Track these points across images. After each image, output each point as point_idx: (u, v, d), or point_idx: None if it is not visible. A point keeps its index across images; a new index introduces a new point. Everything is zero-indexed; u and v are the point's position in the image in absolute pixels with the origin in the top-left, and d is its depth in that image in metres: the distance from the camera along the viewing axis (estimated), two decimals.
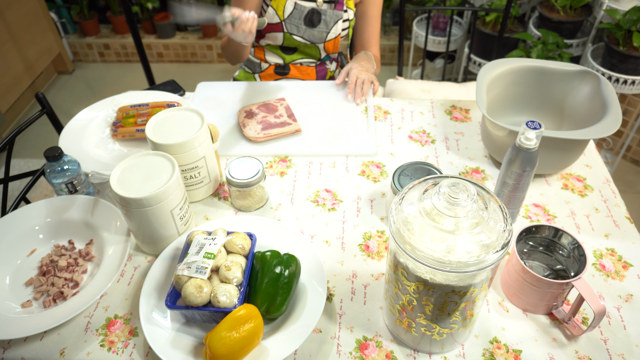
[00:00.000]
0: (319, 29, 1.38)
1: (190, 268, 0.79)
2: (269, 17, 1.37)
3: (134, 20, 1.93)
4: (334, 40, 1.42)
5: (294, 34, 1.39)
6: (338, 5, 1.37)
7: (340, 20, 1.39)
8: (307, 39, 1.40)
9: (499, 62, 1.16)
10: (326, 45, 1.43)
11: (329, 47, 1.44)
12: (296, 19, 1.37)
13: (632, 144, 2.33)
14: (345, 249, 0.95)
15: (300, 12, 1.36)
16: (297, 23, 1.37)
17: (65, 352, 0.81)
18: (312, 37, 1.40)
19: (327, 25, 1.38)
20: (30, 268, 0.94)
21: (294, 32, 1.39)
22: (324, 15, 1.37)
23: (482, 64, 2.44)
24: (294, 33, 1.39)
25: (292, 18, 1.36)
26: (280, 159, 1.16)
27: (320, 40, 1.41)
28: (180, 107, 1.02)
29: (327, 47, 1.44)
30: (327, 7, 1.37)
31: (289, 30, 1.39)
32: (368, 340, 0.81)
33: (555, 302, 0.81)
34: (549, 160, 1.03)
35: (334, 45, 1.44)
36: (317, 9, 1.36)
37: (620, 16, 1.95)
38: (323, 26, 1.38)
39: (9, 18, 2.59)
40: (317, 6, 1.36)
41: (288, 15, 1.36)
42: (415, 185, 0.68)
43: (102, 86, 3.05)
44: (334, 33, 1.40)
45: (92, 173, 1.05)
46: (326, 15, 1.37)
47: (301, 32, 1.39)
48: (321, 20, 1.37)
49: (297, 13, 1.36)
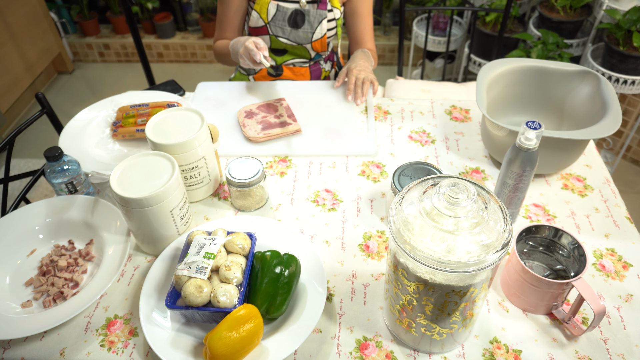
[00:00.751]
0: (303, 30, 1.38)
1: (190, 268, 0.79)
2: (254, 20, 1.37)
3: (134, 20, 1.93)
4: (320, 40, 1.41)
5: (279, 36, 1.39)
6: (321, 4, 1.36)
7: (324, 20, 1.38)
8: (293, 40, 1.40)
9: (499, 62, 1.16)
10: (313, 45, 1.43)
11: (317, 46, 1.43)
12: (280, 21, 1.36)
13: (632, 144, 2.33)
14: (345, 249, 0.95)
15: (284, 13, 1.35)
16: (281, 25, 1.37)
17: (65, 352, 0.81)
18: (298, 38, 1.40)
19: (312, 26, 1.37)
20: (30, 268, 0.94)
21: (280, 34, 1.38)
22: (307, 16, 1.36)
23: (482, 64, 2.44)
24: (279, 35, 1.39)
25: (276, 20, 1.36)
26: (280, 159, 1.16)
27: (306, 40, 1.40)
28: (180, 107, 1.02)
29: (315, 47, 1.43)
30: (311, 7, 1.36)
31: (274, 33, 1.38)
32: (368, 340, 0.81)
33: (555, 302, 0.81)
34: (549, 160, 1.03)
35: (322, 45, 1.44)
36: (301, 9, 1.35)
37: (620, 16, 1.95)
38: (307, 26, 1.37)
39: (9, 18, 2.59)
40: (300, 7, 1.35)
41: (272, 18, 1.36)
42: (415, 185, 0.68)
43: (102, 86, 3.05)
44: (320, 33, 1.39)
45: (92, 173, 1.05)
46: (309, 15, 1.36)
47: (286, 33, 1.38)
48: (305, 20, 1.37)
49: (280, 15, 1.36)
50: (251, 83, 1.42)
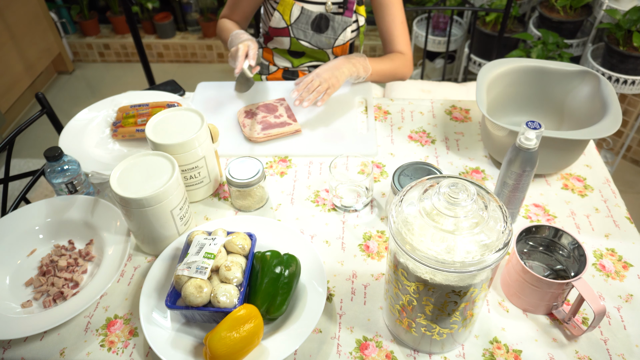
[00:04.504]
0: (326, 35, 1.35)
1: (190, 268, 0.79)
2: (275, 21, 1.35)
3: (134, 20, 1.93)
4: (342, 46, 1.39)
5: (300, 39, 1.37)
6: (347, 11, 1.33)
7: (349, 28, 1.35)
8: (314, 45, 1.38)
9: (499, 62, 1.16)
10: (334, 51, 1.41)
11: (338, 52, 1.41)
12: (303, 24, 1.34)
13: (632, 144, 2.33)
14: (345, 249, 0.95)
15: (308, 17, 1.33)
16: (304, 28, 1.34)
17: (65, 352, 0.81)
18: (320, 42, 1.37)
19: (335, 32, 1.35)
20: (30, 268, 0.94)
21: (301, 37, 1.36)
22: (332, 22, 1.34)
23: (482, 64, 2.44)
24: (300, 38, 1.37)
25: (298, 23, 1.34)
26: (280, 159, 1.16)
27: (328, 46, 1.38)
28: (180, 107, 1.02)
29: (336, 52, 1.42)
30: (336, 12, 1.33)
31: (295, 35, 1.36)
32: (368, 341, 0.81)
33: (555, 302, 0.81)
34: (549, 160, 1.03)
35: (343, 51, 1.41)
36: (326, 14, 1.33)
37: (620, 16, 1.95)
38: (331, 32, 1.35)
39: (9, 18, 2.59)
40: (325, 11, 1.33)
41: (295, 20, 1.34)
42: (415, 185, 0.68)
43: (102, 86, 3.05)
44: (342, 40, 1.37)
45: (92, 173, 1.05)
46: (334, 21, 1.34)
47: (308, 37, 1.36)
48: (329, 26, 1.34)
49: (304, 18, 1.33)
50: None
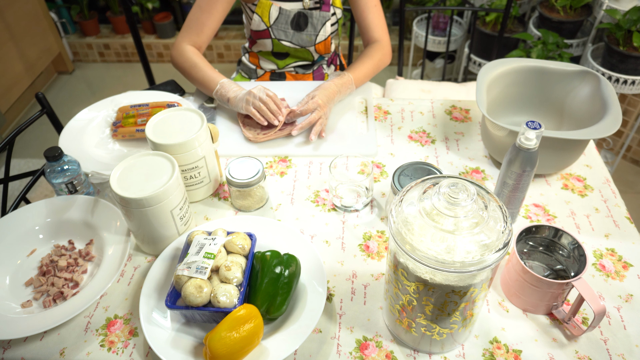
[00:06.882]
0: (307, 32, 1.36)
1: (190, 268, 0.79)
2: (255, 24, 1.35)
3: (134, 20, 1.93)
4: (324, 42, 1.40)
5: (282, 40, 1.37)
6: (324, 5, 1.34)
7: (328, 22, 1.36)
8: (296, 44, 1.38)
9: (499, 62, 1.16)
10: (317, 48, 1.41)
11: (320, 49, 1.42)
12: (283, 24, 1.34)
13: (632, 144, 2.33)
14: (345, 249, 0.95)
15: (286, 16, 1.33)
16: (284, 28, 1.35)
17: (65, 352, 0.81)
18: (301, 41, 1.38)
19: (315, 28, 1.35)
20: (30, 268, 0.94)
21: (282, 37, 1.36)
22: (310, 18, 1.34)
23: (482, 64, 2.45)
24: (282, 38, 1.37)
25: (278, 23, 1.34)
26: (280, 159, 1.16)
27: (310, 43, 1.39)
28: (180, 107, 1.02)
29: (319, 49, 1.42)
30: (313, 7, 1.34)
31: (276, 36, 1.36)
32: (368, 340, 0.81)
33: (555, 302, 0.81)
34: (549, 160, 1.03)
35: (325, 47, 1.42)
36: (304, 11, 1.33)
37: (620, 16, 1.95)
38: (311, 29, 1.35)
39: (9, 18, 2.59)
40: (303, 8, 1.33)
41: (274, 21, 1.34)
42: (415, 185, 0.68)
43: (102, 86, 3.05)
44: (323, 35, 1.38)
45: (92, 173, 1.05)
46: (313, 17, 1.34)
47: (289, 36, 1.37)
48: (308, 23, 1.35)
49: (283, 18, 1.33)
50: (252, 84, 1.42)
